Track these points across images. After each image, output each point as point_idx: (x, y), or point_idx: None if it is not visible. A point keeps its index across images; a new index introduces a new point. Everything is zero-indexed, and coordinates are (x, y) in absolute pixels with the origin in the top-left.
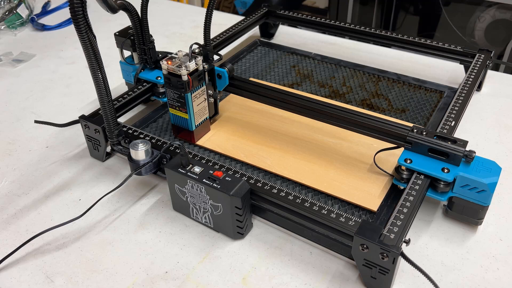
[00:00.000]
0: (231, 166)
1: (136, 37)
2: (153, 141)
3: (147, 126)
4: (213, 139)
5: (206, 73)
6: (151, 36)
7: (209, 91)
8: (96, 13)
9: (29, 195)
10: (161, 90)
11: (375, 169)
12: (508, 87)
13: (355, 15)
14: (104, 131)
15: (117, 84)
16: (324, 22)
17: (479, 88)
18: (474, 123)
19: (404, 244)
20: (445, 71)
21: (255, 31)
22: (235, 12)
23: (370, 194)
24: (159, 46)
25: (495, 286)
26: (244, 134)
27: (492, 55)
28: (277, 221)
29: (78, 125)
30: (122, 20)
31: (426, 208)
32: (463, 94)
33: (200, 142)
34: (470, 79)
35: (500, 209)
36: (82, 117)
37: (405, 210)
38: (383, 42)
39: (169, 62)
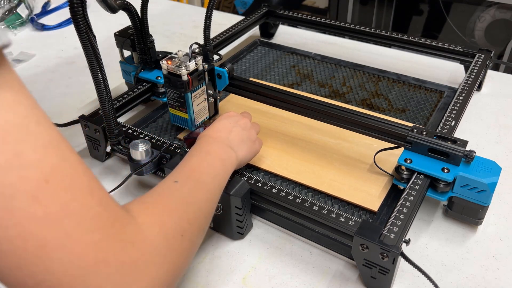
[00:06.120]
0: None
1: (136, 37)
2: (153, 141)
3: (147, 126)
4: None
5: (206, 73)
6: (151, 36)
7: (209, 91)
8: (96, 13)
9: None
10: (161, 90)
11: (375, 169)
12: (508, 87)
13: (355, 15)
14: (104, 131)
15: (117, 84)
16: (324, 22)
17: (479, 88)
18: (474, 123)
19: (404, 244)
20: (445, 71)
21: (255, 31)
22: (235, 12)
23: (370, 194)
24: (159, 46)
25: (495, 286)
26: None
27: (492, 55)
28: (277, 221)
29: (78, 125)
30: (122, 20)
31: (426, 208)
32: (463, 94)
33: None
34: (470, 79)
35: (500, 209)
36: (82, 117)
37: (405, 210)
38: (383, 42)
39: (169, 62)
